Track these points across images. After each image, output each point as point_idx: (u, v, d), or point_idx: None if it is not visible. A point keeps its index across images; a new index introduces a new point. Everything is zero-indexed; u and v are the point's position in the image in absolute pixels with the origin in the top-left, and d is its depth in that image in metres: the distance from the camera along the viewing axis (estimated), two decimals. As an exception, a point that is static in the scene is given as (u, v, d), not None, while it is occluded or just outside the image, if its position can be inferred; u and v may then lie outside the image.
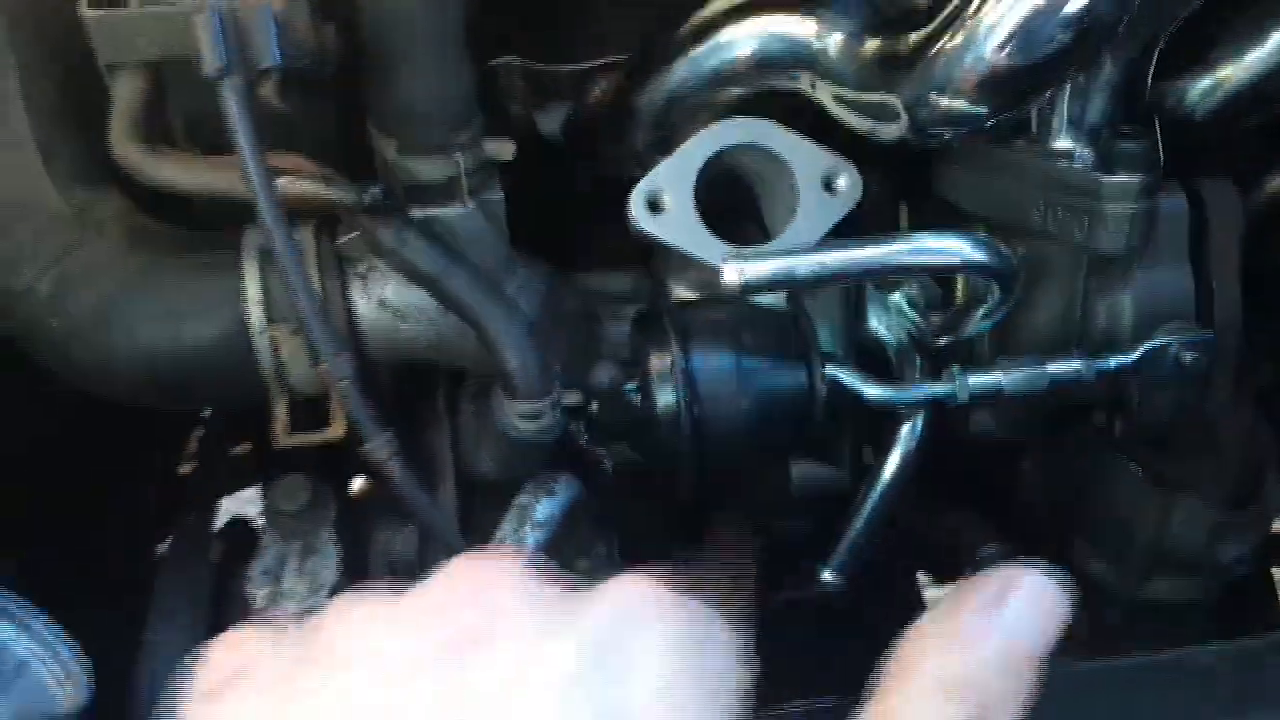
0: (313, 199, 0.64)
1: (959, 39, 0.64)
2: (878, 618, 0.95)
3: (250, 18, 0.51)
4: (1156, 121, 0.73)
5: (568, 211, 0.92)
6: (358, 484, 0.79)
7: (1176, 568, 0.88)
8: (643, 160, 0.79)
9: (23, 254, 0.69)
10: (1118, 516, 0.87)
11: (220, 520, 1.03)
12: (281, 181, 0.64)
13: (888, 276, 0.74)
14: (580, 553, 0.76)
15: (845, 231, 0.77)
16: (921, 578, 1.16)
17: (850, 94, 0.69)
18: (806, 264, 0.62)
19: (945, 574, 1.09)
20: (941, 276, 0.75)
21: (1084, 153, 0.70)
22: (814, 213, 0.73)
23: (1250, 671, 0.50)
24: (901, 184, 0.83)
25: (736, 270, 0.62)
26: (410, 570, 0.76)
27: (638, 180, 0.76)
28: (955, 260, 0.64)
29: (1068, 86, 0.70)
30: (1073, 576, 0.91)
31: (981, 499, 0.96)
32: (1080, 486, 0.89)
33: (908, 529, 0.95)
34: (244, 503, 1.17)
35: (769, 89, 0.74)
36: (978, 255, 0.64)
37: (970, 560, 0.93)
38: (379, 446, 0.59)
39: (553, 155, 0.89)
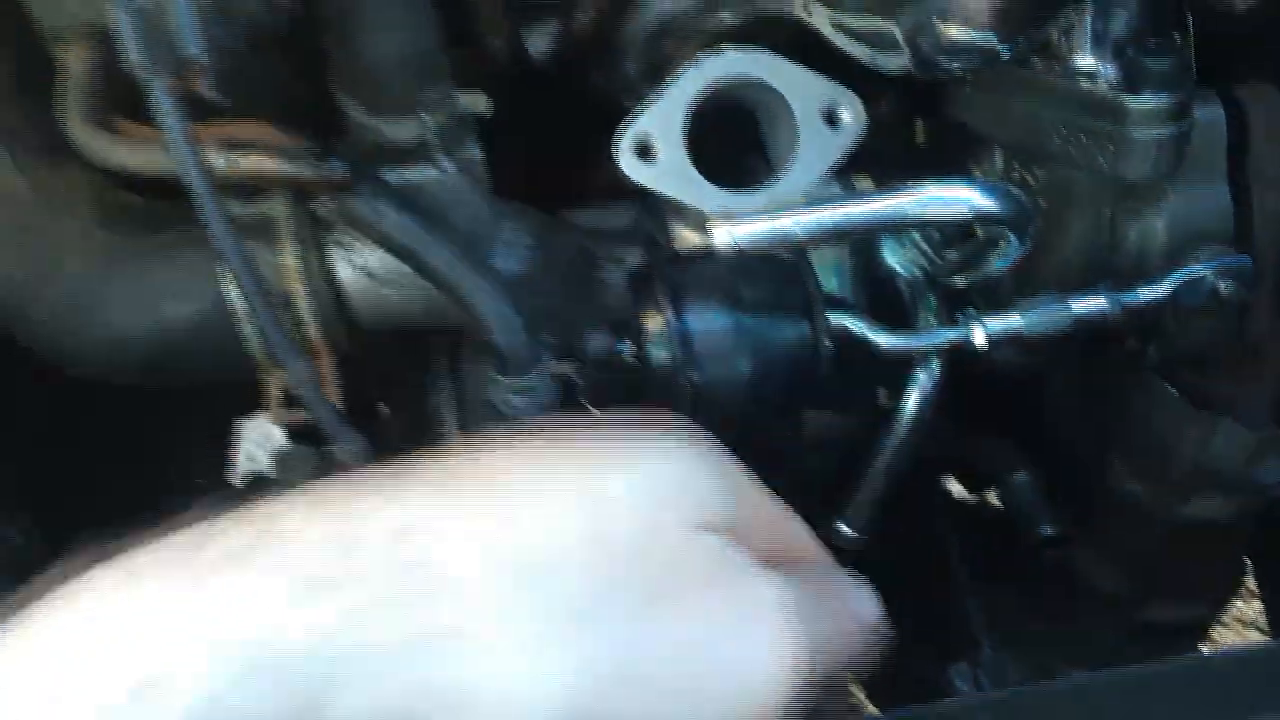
0: (273, 176, 0.61)
1: (964, -45, 0.57)
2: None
3: (168, 10, 0.46)
4: (1190, 25, 0.66)
5: (563, 136, 0.87)
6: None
7: (1217, 488, 0.84)
8: (635, 88, 0.74)
9: (-7, 241, 0.67)
10: (1155, 439, 0.84)
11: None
12: (242, 160, 0.61)
13: (890, 231, 0.69)
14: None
15: (853, 159, 0.72)
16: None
17: (847, 20, 0.64)
18: (801, 224, 0.58)
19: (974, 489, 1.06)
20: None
21: (1108, 71, 0.64)
22: (815, 149, 0.68)
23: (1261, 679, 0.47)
24: (917, 100, 0.78)
25: (727, 233, 0.58)
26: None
27: (630, 109, 0.72)
28: (963, 211, 0.59)
29: (1089, -1, 0.63)
30: (1109, 496, 0.89)
31: (1008, 419, 0.93)
32: (1115, 407, 0.85)
33: (932, 454, 0.92)
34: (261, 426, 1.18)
35: (764, 13, 0.68)
36: (987, 204, 0.59)
37: (1000, 487, 0.90)
38: (350, 452, 0.57)
39: (542, 79, 0.84)
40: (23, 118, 0.68)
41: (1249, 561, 1.04)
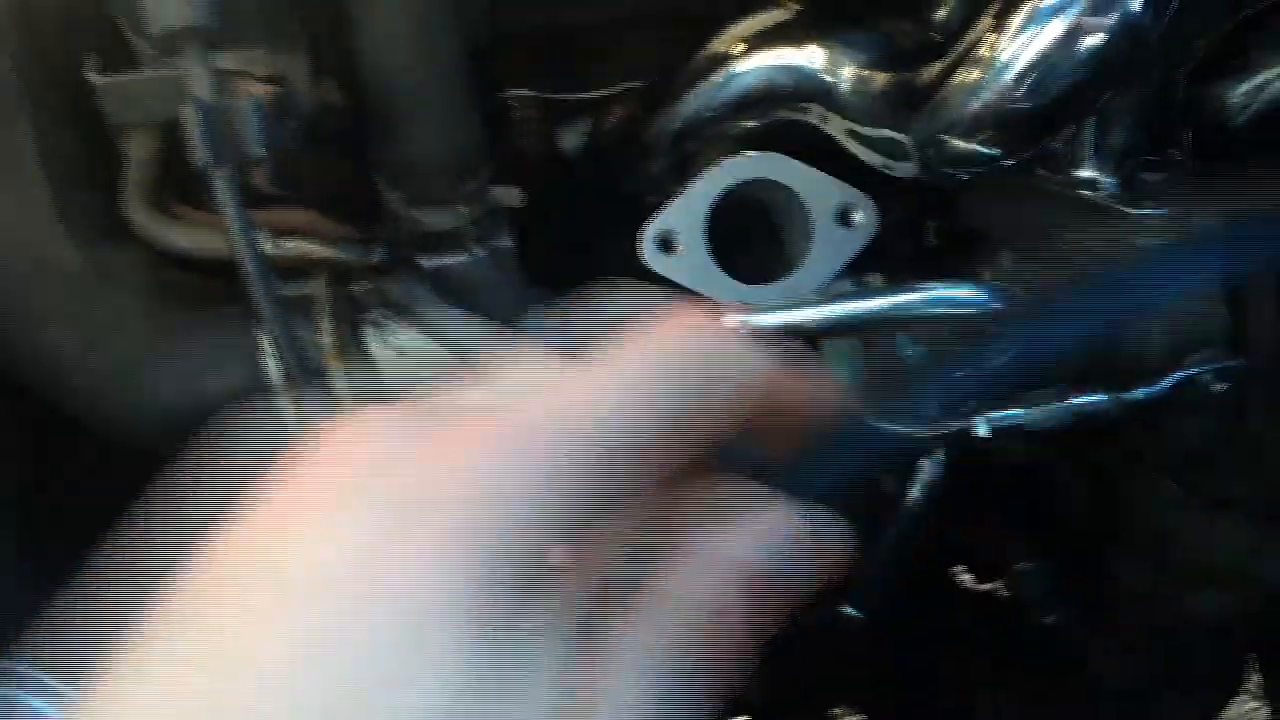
0: (321, 260, 0.65)
1: (971, 76, 0.61)
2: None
3: (236, 111, 0.51)
4: (1188, 140, 0.70)
5: (589, 226, 0.91)
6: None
7: (1221, 581, 0.86)
8: (659, 186, 0.78)
9: (46, 312, 0.71)
10: (1157, 533, 0.85)
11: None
12: (289, 244, 0.65)
13: (898, 328, 0.72)
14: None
15: (865, 257, 0.75)
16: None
17: (861, 129, 0.68)
18: (813, 318, 0.62)
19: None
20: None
21: (1108, 182, 0.67)
22: (829, 247, 0.71)
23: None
24: (927, 203, 0.81)
25: (738, 321, 0.62)
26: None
27: (654, 204, 0.76)
28: (969, 310, 0.62)
29: (1090, 111, 0.67)
30: (1116, 587, 0.90)
31: (1016, 511, 0.95)
32: (1117, 500, 0.87)
33: (943, 539, 0.94)
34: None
35: (782, 120, 0.72)
36: (994, 305, 0.62)
37: (1009, 576, 0.92)
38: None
39: (572, 172, 0.88)
40: (85, 198, 0.72)
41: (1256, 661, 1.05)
